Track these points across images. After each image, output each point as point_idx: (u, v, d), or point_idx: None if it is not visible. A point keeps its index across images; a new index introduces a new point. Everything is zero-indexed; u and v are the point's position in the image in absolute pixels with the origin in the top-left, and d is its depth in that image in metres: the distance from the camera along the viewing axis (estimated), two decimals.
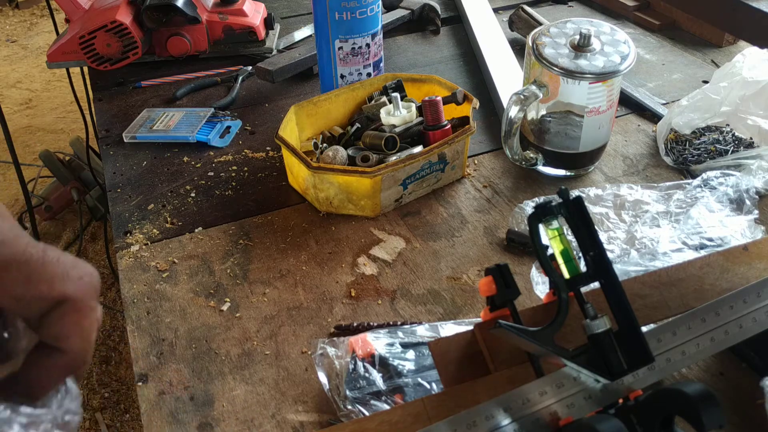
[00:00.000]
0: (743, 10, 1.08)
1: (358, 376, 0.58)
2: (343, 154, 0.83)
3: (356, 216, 0.82)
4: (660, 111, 0.99)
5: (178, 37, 1.14)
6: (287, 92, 1.09)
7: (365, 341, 0.60)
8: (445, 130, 0.84)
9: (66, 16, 1.18)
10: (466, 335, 0.53)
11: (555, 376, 0.48)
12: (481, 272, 0.73)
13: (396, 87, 0.93)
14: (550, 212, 0.50)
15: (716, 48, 1.19)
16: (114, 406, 1.80)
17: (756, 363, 0.59)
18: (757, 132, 0.88)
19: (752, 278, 0.57)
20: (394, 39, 1.26)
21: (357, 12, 0.91)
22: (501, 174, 0.89)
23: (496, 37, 1.18)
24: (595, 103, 0.80)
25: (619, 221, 0.76)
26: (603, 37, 0.81)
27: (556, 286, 0.50)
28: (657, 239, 0.72)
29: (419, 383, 0.58)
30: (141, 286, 0.73)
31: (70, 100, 2.46)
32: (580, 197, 0.50)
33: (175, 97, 1.07)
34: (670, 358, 0.49)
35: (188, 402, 0.60)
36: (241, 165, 0.92)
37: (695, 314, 0.51)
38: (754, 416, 0.55)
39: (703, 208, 0.75)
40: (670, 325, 0.51)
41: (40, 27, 3.69)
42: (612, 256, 0.71)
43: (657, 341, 0.50)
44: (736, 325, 0.51)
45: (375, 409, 0.55)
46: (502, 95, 1.01)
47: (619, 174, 0.88)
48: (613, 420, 0.44)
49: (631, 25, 1.29)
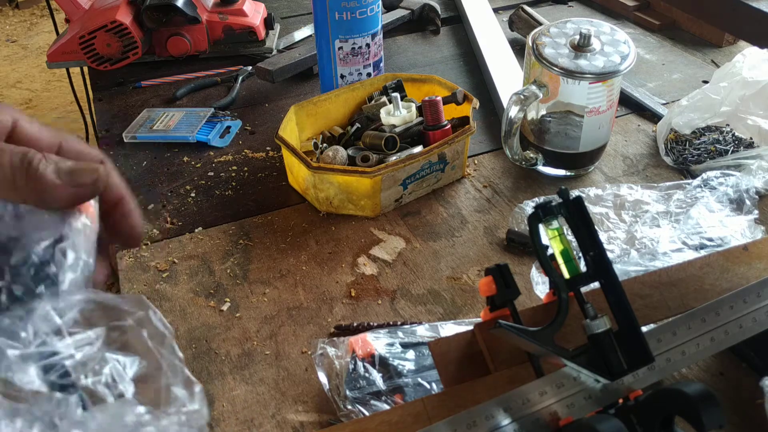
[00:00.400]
0: (743, 10, 1.08)
1: (358, 376, 0.58)
2: (343, 154, 0.83)
3: (356, 216, 0.82)
4: (660, 111, 0.99)
5: (178, 37, 1.14)
6: (287, 92, 1.10)
7: (365, 341, 0.60)
8: (445, 130, 0.84)
9: (66, 16, 1.18)
10: (466, 335, 0.53)
11: (555, 376, 0.48)
12: (481, 272, 0.73)
13: (396, 87, 0.93)
14: (550, 212, 0.50)
15: (716, 48, 1.19)
16: None
17: (756, 363, 0.59)
18: (757, 132, 0.88)
19: (752, 278, 0.57)
20: (394, 39, 1.26)
21: (357, 12, 0.91)
22: (501, 174, 0.89)
23: (496, 37, 1.18)
24: (595, 103, 0.80)
25: (619, 221, 0.76)
26: (603, 37, 0.81)
27: (556, 286, 0.50)
28: (657, 239, 0.72)
29: (419, 383, 0.58)
30: (141, 286, 0.73)
31: (70, 100, 2.45)
32: (580, 197, 0.50)
33: (175, 97, 1.07)
34: (670, 358, 0.49)
35: None
36: (241, 165, 0.92)
37: (695, 314, 0.51)
38: (754, 416, 0.55)
39: (703, 208, 0.75)
40: (670, 325, 0.51)
41: (40, 27, 3.69)
42: (612, 256, 0.71)
43: (657, 341, 0.50)
44: (736, 325, 0.51)
45: (375, 409, 0.55)
46: (502, 95, 1.01)
47: (619, 174, 0.88)
48: (613, 420, 0.44)
49: (631, 25, 1.29)
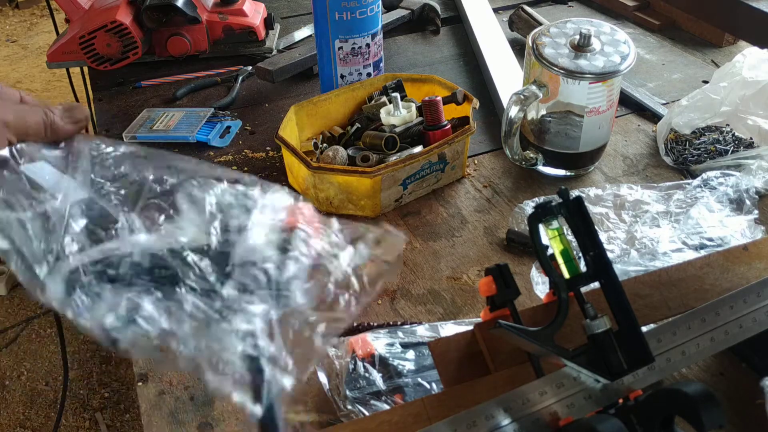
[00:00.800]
0: (743, 10, 1.08)
1: (358, 376, 0.58)
2: (343, 154, 0.83)
3: (356, 216, 0.82)
4: (660, 111, 0.99)
5: (178, 37, 1.14)
6: (287, 92, 1.10)
7: (365, 341, 0.60)
8: (445, 130, 0.84)
9: (66, 16, 1.18)
10: (466, 335, 0.53)
11: (555, 376, 0.48)
12: (481, 272, 0.73)
13: (396, 87, 0.93)
14: (550, 212, 0.50)
15: (716, 48, 1.19)
16: (114, 406, 1.80)
17: (756, 363, 0.59)
18: (757, 132, 0.88)
19: (752, 278, 0.57)
20: (394, 39, 1.26)
21: (357, 12, 0.91)
22: (501, 174, 0.89)
23: (496, 37, 1.18)
24: (595, 103, 0.80)
25: (619, 221, 0.76)
26: (603, 37, 0.81)
27: (556, 286, 0.50)
28: (657, 239, 0.72)
29: (419, 383, 0.58)
30: None
31: (70, 100, 2.46)
32: (580, 197, 0.50)
33: (175, 97, 1.07)
34: (670, 358, 0.49)
35: (188, 402, 0.60)
36: (241, 165, 0.92)
37: (695, 314, 0.51)
38: (754, 416, 0.55)
39: (703, 208, 0.75)
40: (670, 325, 0.51)
41: (40, 27, 3.69)
42: (612, 256, 0.71)
43: (657, 341, 0.50)
44: (736, 325, 0.51)
45: (375, 409, 0.55)
46: (502, 95, 1.01)
47: (619, 174, 0.88)
48: (613, 420, 0.44)
49: (631, 25, 1.29)
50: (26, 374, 1.87)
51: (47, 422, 1.75)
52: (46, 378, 1.86)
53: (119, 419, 1.76)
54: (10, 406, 1.79)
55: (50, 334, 1.99)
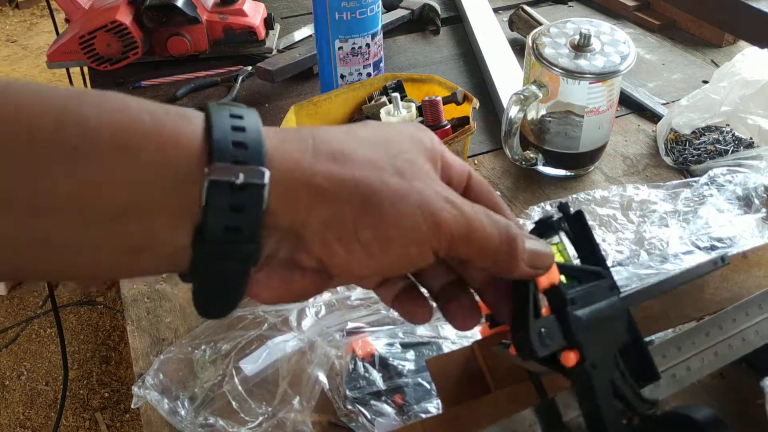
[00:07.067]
0: (743, 10, 1.08)
1: (358, 376, 0.58)
2: None
3: None
4: (660, 111, 0.99)
5: (178, 37, 1.14)
6: (287, 92, 1.10)
7: (365, 341, 0.60)
8: (445, 130, 0.84)
9: (66, 16, 1.18)
10: (464, 352, 0.53)
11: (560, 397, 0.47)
12: None
13: (396, 87, 0.93)
14: (550, 228, 0.49)
15: (716, 48, 1.19)
16: (114, 406, 1.80)
17: (756, 363, 0.59)
18: (757, 132, 0.88)
19: (751, 286, 0.56)
20: (394, 39, 1.26)
21: (357, 12, 0.91)
22: (501, 174, 0.89)
23: (496, 37, 1.18)
24: (595, 103, 0.80)
25: (627, 222, 0.76)
26: (603, 37, 0.81)
27: None
28: (666, 240, 0.72)
29: (419, 383, 0.58)
30: (141, 286, 0.73)
31: None
32: (581, 212, 0.49)
33: (175, 97, 1.07)
34: (675, 374, 0.48)
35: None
36: None
37: (699, 328, 0.51)
38: (754, 416, 0.55)
39: (713, 208, 0.74)
40: (674, 341, 0.50)
41: (40, 27, 3.69)
42: (621, 258, 0.71)
43: (662, 357, 0.48)
44: (738, 338, 0.51)
45: (375, 409, 0.55)
46: (502, 95, 1.01)
47: (619, 174, 0.88)
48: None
49: (631, 25, 1.29)
50: (26, 374, 1.87)
51: (47, 422, 1.75)
52: (46, 378, 1.86)
53: (119, 419, 1.76)
54: (10, 406, 1.79)
55: (50, 334, 1.99)
